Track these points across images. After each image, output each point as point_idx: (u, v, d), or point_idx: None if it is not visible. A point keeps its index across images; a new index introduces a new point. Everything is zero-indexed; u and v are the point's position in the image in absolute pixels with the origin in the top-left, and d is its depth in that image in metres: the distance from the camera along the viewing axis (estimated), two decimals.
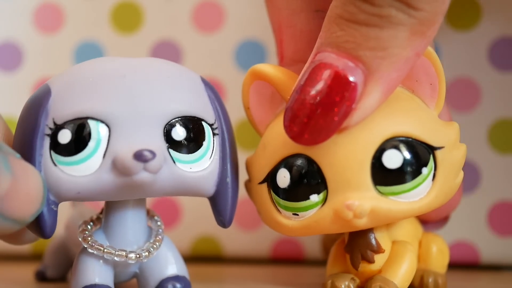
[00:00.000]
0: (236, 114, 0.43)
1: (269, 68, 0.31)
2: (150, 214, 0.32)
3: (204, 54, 0.44)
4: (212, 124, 0.30)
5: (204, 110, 0.30)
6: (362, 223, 0.28)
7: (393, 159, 0.28)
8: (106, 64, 0.30)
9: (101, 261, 0.30)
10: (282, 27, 0.33)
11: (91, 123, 0.28)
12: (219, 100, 0.31)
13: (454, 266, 0.41)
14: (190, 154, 0.29)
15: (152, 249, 0.30)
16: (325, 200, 0.29)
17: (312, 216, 0.29)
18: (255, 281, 0.37)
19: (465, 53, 0.41)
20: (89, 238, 0.30)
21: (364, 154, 0.28)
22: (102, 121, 0.28)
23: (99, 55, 0.45)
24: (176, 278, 0.31)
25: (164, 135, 0.29)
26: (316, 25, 0.32)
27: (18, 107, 0.30)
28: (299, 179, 0.29)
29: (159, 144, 0.28)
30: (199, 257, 0.44)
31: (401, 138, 0.29)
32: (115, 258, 0.30)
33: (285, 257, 0.43)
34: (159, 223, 0.31)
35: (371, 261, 0.30)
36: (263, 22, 0.43)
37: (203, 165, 0.30)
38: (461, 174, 0.30)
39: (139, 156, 0.28)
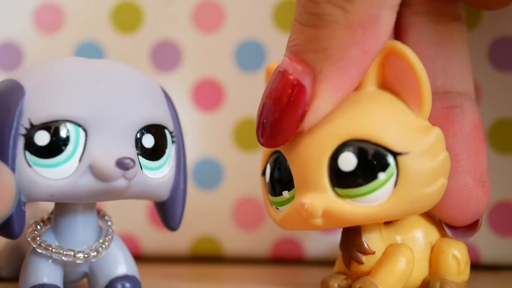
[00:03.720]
0: (236, 114, 0.43)
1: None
2: (100, 214, 0.32)
3: (204, 54, 0.44)
4: (172, 132, 0.31)
5: (166, 118, 0.31)
6: (317, 223, 0.29)
7: (347, 161, 0.28)
8: (79, 66, 0.30)
9: (49, 261, 0.30)
10: None
11: (69, 126, 0.28)
12: (175, 109, 0.32)
13: None
14: (155, 161, 0.30)
15: (100, 249, 0.30)
16: (293, 197, 0.30)
17: (284, 212, 0.30)
18: (255, 281, 0.37)
19: None
20: (38, 238, 0.30)
21: (321, 154, 0.28)
22: (80, 125, 0.28)
23: (99, 55, 0.45)
24: (126, 278, 0.31)
25: (135, 142, 0.29)
26: None
27: None
28: (273, 175, 0.30)
29: (132, 151, 0.29)
30: (199, 257, 0.44)
31: (358, 141, 0.28)
32: (63, 258, 0.30)
33: (285, 257, 0.43)
34: (109, 223, 0.32)
35: (359, 261, 0.30)
36: (263, 22, 0.43)
37: (164, 171, 0.31)
38: (440, 182, 0.29)
39: (121, 164, 0.28)
